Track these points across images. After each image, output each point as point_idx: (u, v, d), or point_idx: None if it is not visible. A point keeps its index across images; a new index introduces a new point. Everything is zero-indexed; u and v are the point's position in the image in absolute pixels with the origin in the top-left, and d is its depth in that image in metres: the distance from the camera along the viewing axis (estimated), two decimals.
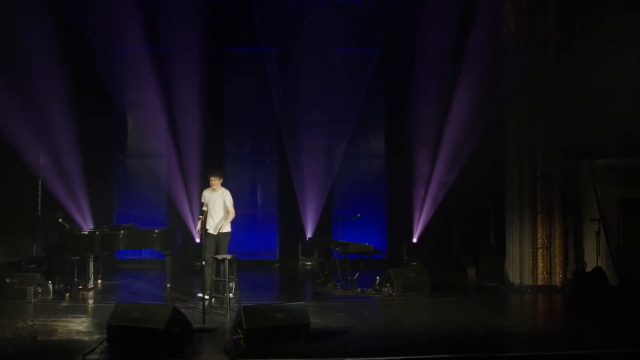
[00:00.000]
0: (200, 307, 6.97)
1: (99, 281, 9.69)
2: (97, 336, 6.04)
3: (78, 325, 6.65)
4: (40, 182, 10.52)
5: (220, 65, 12.19)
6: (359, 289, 9.11)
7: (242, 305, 6.34)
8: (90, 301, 8.04)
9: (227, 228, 8.39)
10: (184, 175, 11.47)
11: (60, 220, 9.20)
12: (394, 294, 8.59)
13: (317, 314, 7.26)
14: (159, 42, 11.43)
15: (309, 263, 12.08)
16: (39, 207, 10.46)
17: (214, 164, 8.00)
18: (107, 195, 12.16)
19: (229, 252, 8.15)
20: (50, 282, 8.60)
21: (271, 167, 12.52)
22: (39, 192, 10.43)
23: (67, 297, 8.46)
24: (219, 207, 8.33)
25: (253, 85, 12.33)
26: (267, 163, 12.54)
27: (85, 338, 6.10)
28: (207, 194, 8.41)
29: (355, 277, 9.36)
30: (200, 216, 7.80)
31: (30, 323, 6.77)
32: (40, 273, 8.61)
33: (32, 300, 8.03)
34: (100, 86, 11.09)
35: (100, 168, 11.89)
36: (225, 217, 8.35)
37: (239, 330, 5.71)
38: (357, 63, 11.99)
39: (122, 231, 9.01)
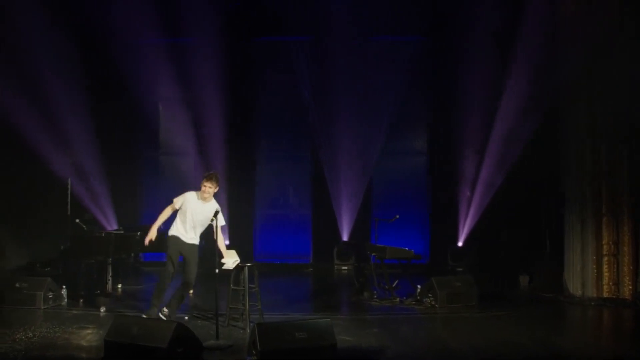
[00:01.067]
0: (221, 319, 6.24)
1: (119, 286, 9.12)
2: (97, 353, 5.33)
3: (80, 339, 5.97)
4: (69, 181, 10.00)
5: (249, 58, 11.48)
6: (398, 299, 8.22)
7: (258, 322, 5.53)
8: (103, 309, 7.37)
9: (196, 240, 6.78)
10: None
11: (77, 221, 8.59)
12: (436, 305, 7.66)
13: (348, 330, 6.40)
14: (184, 33, 10.80)
15: (345, 268, 11.27)
16: (69, 206, 9.93)
17: (209, 171, 6.75)
18: (132, 195, 11.62)
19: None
20: (64, 286, 8.01)
21: (303, 165, 11.71)
22: (69, 192, 9.91)
23: (80, 304, 7.86)
24: (204, 223, 6.58)
25: (284, 78, 11.53)
26: (300, 161, 11.74)
27: (83, 355, 5.41)
28: (192, 201, 6.56)
29: (393, 285, 8.47)
30: (213, 218, 6.25)
31: (30, 334, 6.13)
32: (53, 277, 8.05)
33: (42, 307, 7.44)
34: (125, 83, 10.57)
35: (125, 167, 11.35)
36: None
37: (253, 352, 4.90)
38: (397, 52, 11.15)
39: (138, 233, 8.35)
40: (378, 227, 9.15)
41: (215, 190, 6.53)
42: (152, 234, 6.73)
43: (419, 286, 8.19)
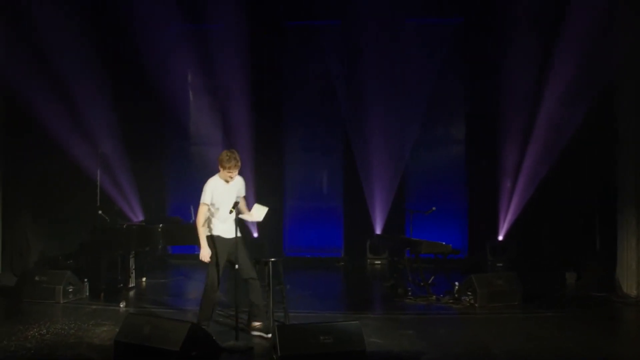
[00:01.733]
0: (244, 317, 5.87)
1: (144, 279, 8.84)
2: (108, 354, 4.97)
3: (94, 337, 5.65)
4: (99, 173, 9.74)
5: (278, 44, 11.00)
6: (434, 297, 7.67)
7: (279, 324, 5.10)
8: (122, 304, 7.05)
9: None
10: (242, 164, 10.32)
11: (100, 212, 8.31)
12: (476, 304, 7.10)
13: (380, 331, 5.91)
14: (211, 20, 10.44)
15: (378, 262, 10.76)
16: (98, 198, 9.69)
17: (226, 151, 5.78)
18: (159, 187, 11.33)
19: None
20: (86, 280, 7.75)
21: (335, 155, 11.18)
22: (98, 184, 9.66)
23: (101, 298, 7.58)
24: (234, 198, 5.77)
25: (314, 65, 11.01)
26: (330, 150, 11.20)
27: (94, 355, 5.06)
28: (219, 187, 5.77)
29: (429, 282, 7.94)
30: (232, 209, 5.53)
31: (44, 331, 5.85)
32: (76, 270, 7.82)
33: (62, 301, 7.19)
34: (151, 71, 10.18)
35: (152, 157, 11.06)
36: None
37: (274, 356, 4.46)
38: (433, 35, 10.55)
39: (160, 225, 8.03)
40: (413, 219, 8.63)
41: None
42: (205, 247, 5.76)
43: (457, 283, 7.64)
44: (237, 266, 5.67)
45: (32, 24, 8.79)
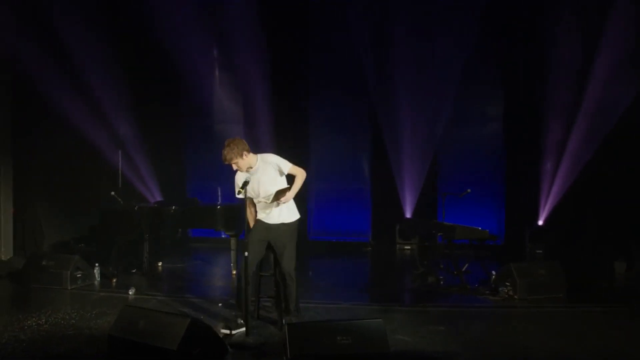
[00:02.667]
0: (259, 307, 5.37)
1: (160, 264, 8.42)
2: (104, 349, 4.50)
3: (94, 329, 5.19)
4: (120, 154, 9.36)
5: (302, 18, 10.29)
6: (468, 287, 7.05)
7: (289, 322, 4.53)
8: (131, 291, 6.60)
9: (292, 215, 5.26)
10: (263, 143, 9.78)
11: (112, 193, 7.86)
12: (515, 296, 6.44)
13: (407, 326, 5.31)
14: None
15: (408, 247, 10.12)
16: (119, 179, 9.32)
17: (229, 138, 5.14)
18: (179, 167, 10.88)
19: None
20: (97, 265, 7.35)
21: (362, 134, 10.49)
22: (119, 164, 9.28)
23: (113, 283, 7.18)
24: (269, 185, 5.06)
25: (339, 38, 10.25)
26: (357, 129, 10.50)
27: (89, 350, 4.59)
28: (243, 177, 5.08)
29: (463, 270, 7.30)
30: (241, 190, 4.84)
31: (43, 320, 5.44)
32: (87, 254, 7.46)
33: (69, 287, 6.79)
34: (168, 47, 9.62)
35: (170, 137, 10.59)
36: (284, 194, 5.08)
37: (284, 358, 3.91)
38: (468, 3, 9.66)
39: (173, 207, 7.55)
40: (446, 202, 7.98)
41: (242, 158, 4.99)
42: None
43: (493, 272, 7.02)
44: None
45: (44, 2, 8.39)
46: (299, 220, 5.29)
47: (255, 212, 5.35)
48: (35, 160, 8.58)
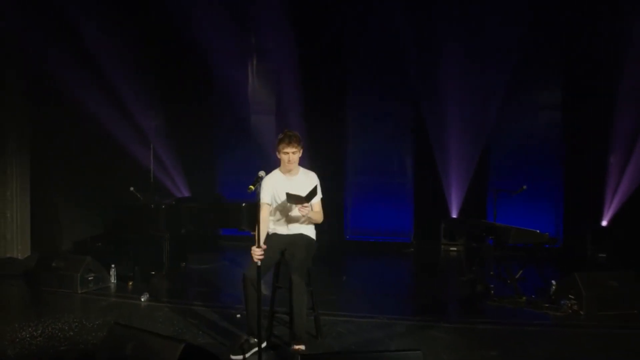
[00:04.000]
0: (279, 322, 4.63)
1: (184, 264, 7.84)
2: None
3: (91, 343, 4.56)
4: (152, 146, 8.81)
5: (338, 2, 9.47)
6: (524, 298, 6.12)
7: (302, 353, 3.77)
8: (144, 298, 5.98)
9: (311, 232, 4.76)
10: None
11: (132, 189, 7.24)
12: (581, 312, 5.51)
13: (453, 348, 4.50)
14: None
15: (454, 249, 9.21)
16: (151, 173, 8.79)
17: (283, 131, 4.66)
18: (208, 160, 10.25)
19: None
20: (112, 266, 6.78)
21: (404, 124, 9.58)
22: (151, 158, 8.73)
23: (129, 287, 6.60)
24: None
25: (380, 19, 9.40)
26: (399, 118, 9.59)
27: None
28: (278, 182, 4.65)
29: (517, 276, 6.40)
30: (252, 187, 4.01)
31: (39, 331, 4.87)
32: (100, 254, 6.89)
33: (79, 291, 6.24)
34: (196, 35, 9.06)
35: (199, 128, 9.96)
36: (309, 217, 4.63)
37: None
38: None
39: (192, 204, 6.91)
40: (497, 200, 7.08)
41: (300, 152, 4.64)
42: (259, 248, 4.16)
43: (553, 282, 6.07)
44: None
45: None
46: (316, 242, 4.76)
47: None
48: (54, 154, 8.10)
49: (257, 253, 4.03)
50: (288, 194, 4.42)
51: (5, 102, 7.49)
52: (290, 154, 4.54)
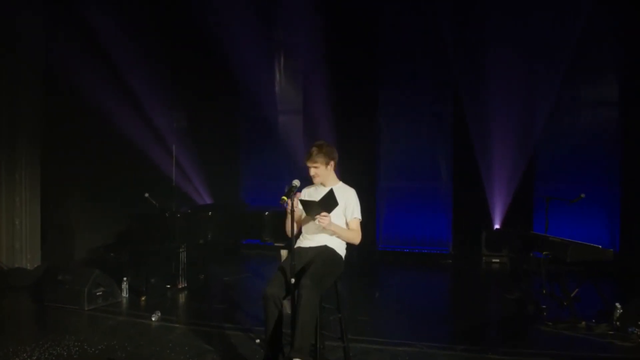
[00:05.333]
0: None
1: (202, 276, 7.28)
2: None
3: None
4: (174, 148, 8.30)
5: None
6: (583, 322, 5.34)
7: None
8: (155, 317, 5.40)
9: (340, 247, 4.20)
10: (325, 135, 8.39)
11: (147, 195, 6.67)
12: None
13: None
14: None
15: (496, 260, 8.44)
16: (173, 177, 8.28)
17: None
18: (233, 164, 9.70)
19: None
20: (125, 279, 6.25)
21: (442, 124, 8.83)
22: (173, 161, 8.23)
23: (142, 302, 6.07)
24: (334, 214, 4.04)
25: (418, 11, 8.68)
26: (437, 118, 8.85)
27: None
28: (306, 195, 4.29)
29: (573, 295, 5.62)
30: (284, 198, 3.85)
31: (33, 358, 4.31)
32: (112, 266, 6.37)
33: (86, 308, 5.71)
34: (220, 31, 8.56)
35: (222, 131, 9.41)
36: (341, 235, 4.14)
37: None
38: None
39: (209, 213, 6.32)
40: (543, 207, 6.33)
41: (328, 166, 4.23)
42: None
43: (618, 305, 5.26)
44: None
45: None
46: (343, 259, 4.22)
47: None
48: (68, 157, 7.60)
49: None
50: (302, 201, 3.97)
51: (19, 98, 6.99)
52: (313, 168, 4.21)
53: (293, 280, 3.76)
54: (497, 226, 8.50)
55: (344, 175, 4.47)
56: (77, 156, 7.65)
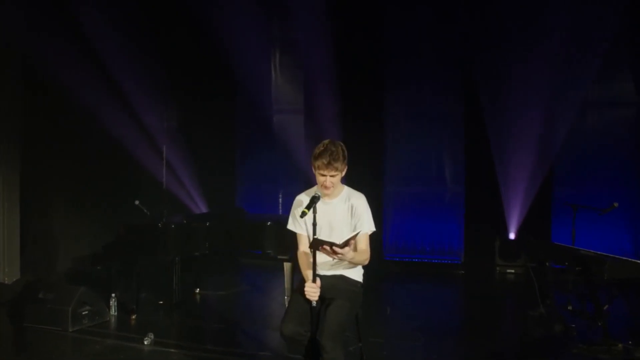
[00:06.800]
0: None
1: (197, 290, 6.72)
2: None
3: None
4: (164, 149, 7.75)
5: None
6: (620, 345, 4.79)
7: None
8: (147, 340, 4.83)
9: (356, 274, 3.61)
10: (328, 136, 7.81)
11: (137, 203, 6.08)
12: None
13: None
14: None
15: (511, 271, 7.90)
16: (164, 179, 7.74)
17: (322, 143, 3.46)
18: (227, 167, 9.14)
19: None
20: (113, 295, 5.69)
21: (453, 126, 8.23)
22: (164, 161, 7.68)
23: (132, 321, 5.53)
24: (344, 225, 3.49)
25: (428, 4, 8.16)
26: (448, 120, 8.27)
27: None
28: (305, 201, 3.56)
29: (604, 309, 5.07)
30: (306, 210, 3.22)
31: None
32: (104, 280, 5.84)
33: (70, 329, 5.14)
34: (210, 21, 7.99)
35: (217, 131, 8.85)
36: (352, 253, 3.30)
37: None
38: None
39: (207, 223, 5.76)
40: (558, 211, 5.96)
41: (343, 173, 3.48)
42: (309, 281, 3.31)
43: None
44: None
45: None
46: (362, 286, 3.60)
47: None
48: (50, 160, 6.99)
49: (312, 290, 3.22)
50: (314, 240, 3.21)
51: None
52: (329, 177, 3.38)
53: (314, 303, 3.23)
54: (511, 234, 7.98)
55: (347, 179, 3.90)
56: (60, 159, 7.03)
